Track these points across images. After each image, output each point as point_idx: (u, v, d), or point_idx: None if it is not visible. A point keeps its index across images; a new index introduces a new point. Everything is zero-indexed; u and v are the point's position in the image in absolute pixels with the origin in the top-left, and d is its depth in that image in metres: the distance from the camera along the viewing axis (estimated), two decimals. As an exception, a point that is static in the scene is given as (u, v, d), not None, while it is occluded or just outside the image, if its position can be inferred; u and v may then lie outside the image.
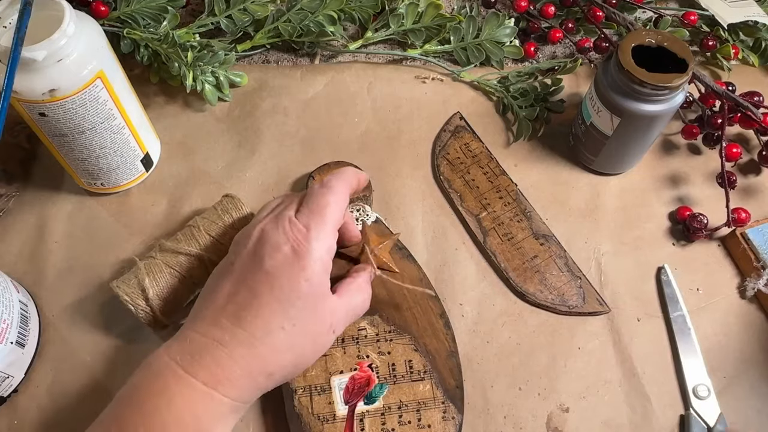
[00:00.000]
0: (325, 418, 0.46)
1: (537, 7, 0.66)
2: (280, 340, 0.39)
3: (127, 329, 0.50)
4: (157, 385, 0.37)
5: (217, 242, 0.50)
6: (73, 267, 0.53)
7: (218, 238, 0.50)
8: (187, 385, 0.37)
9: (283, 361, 0.40)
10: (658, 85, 0.49)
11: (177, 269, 0.48)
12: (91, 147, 0.51)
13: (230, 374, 0.38)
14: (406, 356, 0.48)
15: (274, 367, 0.39)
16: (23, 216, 0.56)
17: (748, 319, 0.52)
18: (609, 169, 0.58)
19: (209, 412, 0.37)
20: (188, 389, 0.37)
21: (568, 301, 0.52)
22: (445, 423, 0.46)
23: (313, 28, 0.63)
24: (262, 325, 0.39)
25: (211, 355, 0.38)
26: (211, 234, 0.50)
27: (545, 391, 0.49)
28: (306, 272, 0.40)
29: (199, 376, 0.37)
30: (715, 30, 0.65)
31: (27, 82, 0.44)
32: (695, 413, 0.47)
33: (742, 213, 0.54)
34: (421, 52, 0.65)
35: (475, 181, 0.57)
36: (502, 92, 0.62)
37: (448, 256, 0.54)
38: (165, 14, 0.60)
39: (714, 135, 0.58)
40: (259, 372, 0.39)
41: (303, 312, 0.40)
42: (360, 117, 0.62)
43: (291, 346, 0.40)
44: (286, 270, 0.39)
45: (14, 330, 0.46)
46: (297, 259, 0.40)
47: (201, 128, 0.61)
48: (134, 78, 0.58)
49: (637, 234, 0.56)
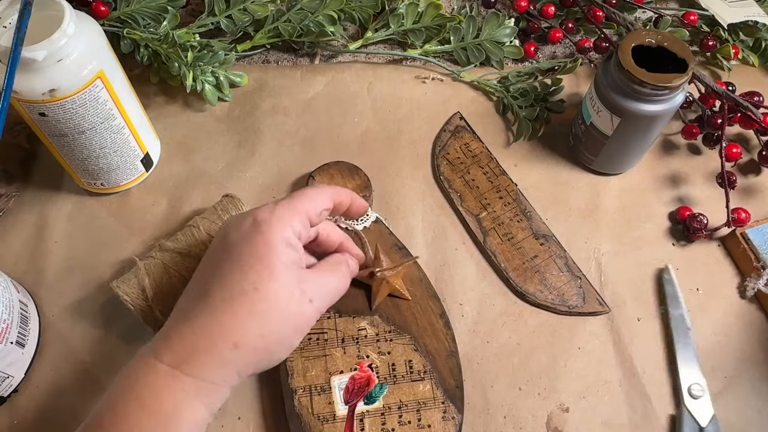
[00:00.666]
0: (325, 418, 0.46)
1: (537, 7, 0.66)
2: (240, 304, 0.38)
3: (127, 329, 0.50)
4: (129, 372, 0.37)
5: (217, 242, 0.50)
6: (73, 267, 0.53)
7: (218, 238, 0.50)
8: (152, 368, 0.37)
9: (247, 330, 0.38)
10: (658, 85, 0.49)
11: (177, 269, 0.48)
12: (91, 147, 0.51)
13: (192, 348, 0.37)
14: (406, 356, 0.48)
15: (237, 336, 0.37)
16: (23, 216, 0.56)
17: (748, 319, 0.52)
18: (609, 169, 0.58)
19: (171, 394, 0.36)
20: (152, 373, 0.37)
21: (568, 301, 0.52)
22: (445, 423, 0.46)
23: (313, 28, 0.63)
24: (221, 290, 0.38)
25: (177, 332, 0.38)
26: (212, 234, 0.50)
27: (545, 391, 0.49)
28: (264, 236, 0.39)
29: (164, 359, 0.37)
30: (715, 30, 0.65)
31: (27, 82, 0.44)
32: (688, 413, 0.47)
33: (742, 213, 0.54)
34: (421, 52, 0.65)
35: (475, 181, 0.57)
36: (502, 92, 0.62)
37: (448, 256, 0.54)
38: (165, 14, 0.60)
39: (714, 135, 0.58)
40: (222, 342, 0.37)
41: (262, 275, 0.38)
42: (360, 117, 0.62)
43: (253, 311, 0.38)
44: (245, 237, 0.39)
45: (14, 330, 0.46)
46: (256, 226, 0.40)
47: (201, 128, 0.61)
48: (134, 78, 0.58)
49: (637, 234, 0.56)
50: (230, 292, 0.38)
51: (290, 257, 0.40)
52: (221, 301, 0.38)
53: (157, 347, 0.37)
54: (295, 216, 0.41)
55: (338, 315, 0.50)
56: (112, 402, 0.37)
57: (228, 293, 0.38)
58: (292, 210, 0.41)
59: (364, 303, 0.50)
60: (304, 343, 0.48)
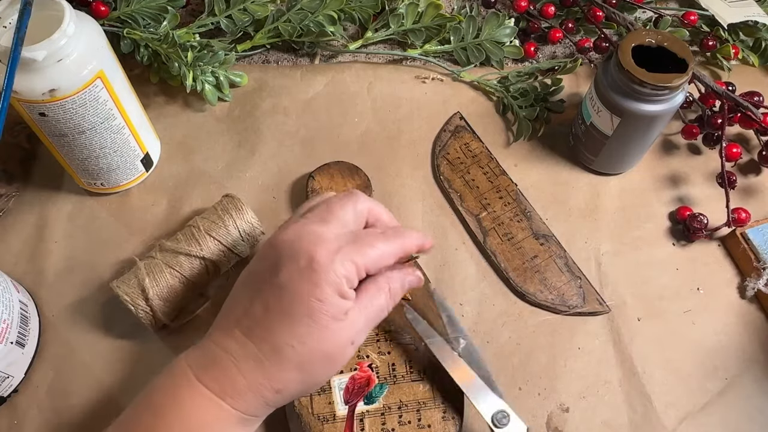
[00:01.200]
0: (325, 418, 0.46)
1: (537, 7, 0.66)
2: (287, 358, 0.37)
3: (127, 329, 0.50)
4: (171, 388, 0.38)
5: (218, 242, 0.50)
6: (73, 267, 0.53)
7: (218, 238, 0.50)
8: (197, 392, 0.37)
9: (291, 379, 0.38)
10: (658, 85, 0.49)
11: (177, 269, 0.48)
12: (91, 147, 0.51)
13: (237, 387, 0.37)
14: (406, 356, 0.48)
15: (281, 385, 0.38)
16: (23, 216, 0.56)
17: (748, 319, 0.52)
18: (609, 169, 0.58)
19: (215, 421, 0.37)
20: (198, 396, 0.37)
21: (568, 301, 0.52)
22: (445, 423, 0.46)
23: (313, 28, 0.63)
24: (269, 340, 0.38)
25: (220, 365, 0.38)
26: (212, 234, 0.50)
27: (545, 391, 0.49)
28: (317, 291, 0.37)
29: (209, 385, 0.37)
30: (715, 30, 0.65)
31: (27, 82, 0.44)
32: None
33: (742, 213, 0.54)
34: (421, 52, 0.65)
35: (475, 181, 0.57)
36: (502, 92, 0.62)
37: (448, 256, 0.54)
38: (165, 14, 0.60)
39: (714, 135, 0.58)
40: (266, 388, 0.38)
41: (312, 330, 0.37)
42: (360, 117, 0.62)
43: (299, 364, 0.38)
44: (296, 284, 0.37)
45: (14, 330, 0.46)
46: (311, 273, 0.37)
47: (201, 128, 0.61)
48: (134, 78, 0.58)
49: (637, 234, 0.56)
50: (278, 344, 0.37)
51: (342, 309, 0.38)
52: (269, 350, 0.37)
53: (200, 371, 0.38)
54: (354, 269, 0.38)
55: (338, 315, 0.50)
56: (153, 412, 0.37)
57: (275, 345, 0.37)
58: (355, 260, 0.38)
59: (364, 303, 0.50)
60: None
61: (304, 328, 0.37)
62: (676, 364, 0.50)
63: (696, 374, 0.49)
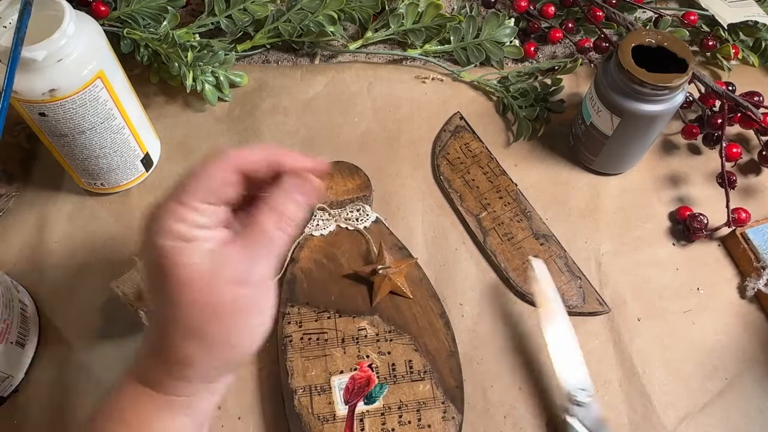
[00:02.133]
0: (325, 418, 0.46)
1: (537, 7, 0.66)
2: (171, 333, 0.34)
3: (127, 329, 0.50)
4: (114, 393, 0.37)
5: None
6: (73, 267, 0.53)
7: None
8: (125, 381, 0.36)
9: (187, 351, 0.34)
10: (658, 85, 0.49)
11: (177, 269, 0.48)
12: (91, 147, 0.51)
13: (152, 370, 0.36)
14: (406, 356, 0.48)
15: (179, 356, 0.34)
16: (23, 216, 0.56)
17: (748, 319, 0.52)
18: (609, 169, 0.58)
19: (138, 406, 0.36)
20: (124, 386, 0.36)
21: (568, 301, 0.52)
22: (445, 423, 0.46)
23: (313, 28, 0.63)
24: (154, 318, 0.37)
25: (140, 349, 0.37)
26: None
27: (545, 391, 0.49)
28: (166, 269, 0.33)
29: (134, 373, 0.36)
30: (715, 30, 0.65)
31: (27, 82, 0.44)
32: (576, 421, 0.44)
33: (742, 213, 0.54)
34: (421, 52, 0.65)
35: (475, 181, 0.57)
36: (502, 92, 0.62)
37: (448, 256, 0.54)
38: (165, 14, 0.60)
39: (714, 135, 0.58)
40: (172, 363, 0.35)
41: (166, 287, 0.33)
42: (360, 117, 0.62)
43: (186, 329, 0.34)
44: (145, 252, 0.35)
45: (14, 330, 0.46)
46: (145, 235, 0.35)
47: (201, 128, 0.61)
48: (134, 78, 0.58)
49: (637, 234, 0.56)
50: (158, 318, 0.35)
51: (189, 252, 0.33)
52: (155, 326, 0.36)
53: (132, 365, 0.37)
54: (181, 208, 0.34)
55: (338, 315, 0.50)
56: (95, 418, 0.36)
57: (157, 319, 0.35)
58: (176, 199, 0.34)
59: (364, 303, 0.50)
60: (304, 342, 0.48)
61: (159, 288, 0.34)
62: (676, 364, 0.50)
63: (696, 374, 0.49)
